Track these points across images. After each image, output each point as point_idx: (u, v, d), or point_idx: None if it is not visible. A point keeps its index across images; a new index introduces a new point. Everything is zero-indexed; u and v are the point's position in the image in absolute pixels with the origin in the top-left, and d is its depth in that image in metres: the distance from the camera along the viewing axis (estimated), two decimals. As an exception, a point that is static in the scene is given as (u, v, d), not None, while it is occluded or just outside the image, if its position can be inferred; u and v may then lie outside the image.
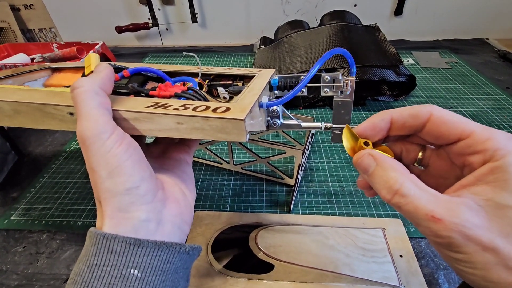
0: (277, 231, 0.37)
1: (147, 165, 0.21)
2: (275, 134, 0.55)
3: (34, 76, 0.37)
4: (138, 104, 0.22)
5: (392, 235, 0.36)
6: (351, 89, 0.24)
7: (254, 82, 0.27)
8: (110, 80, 0.22)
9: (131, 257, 0.18)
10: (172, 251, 0.19)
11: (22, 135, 0.57)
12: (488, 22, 0.91)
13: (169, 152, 0.27)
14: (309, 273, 0.32)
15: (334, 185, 0.44)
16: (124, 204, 0.19)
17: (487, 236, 0.14)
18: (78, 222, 0.40)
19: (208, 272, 0.33)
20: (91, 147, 0.19)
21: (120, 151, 0.19)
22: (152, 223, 0.20)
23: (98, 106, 0.20)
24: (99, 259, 0.18)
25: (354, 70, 0.23)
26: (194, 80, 0.29)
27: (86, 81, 0.21)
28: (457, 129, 0.17)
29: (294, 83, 0.27)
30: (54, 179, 0.47)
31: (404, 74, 0.61)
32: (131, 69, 0.28)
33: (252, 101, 0.22)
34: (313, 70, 0.23)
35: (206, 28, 0.98)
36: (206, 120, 0.21)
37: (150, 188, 0.20)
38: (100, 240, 0.18)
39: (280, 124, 0.25)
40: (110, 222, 0.19)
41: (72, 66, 0.38)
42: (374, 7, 0.90)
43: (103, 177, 0.19)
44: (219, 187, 0.45)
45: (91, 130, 0.19)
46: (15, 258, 0.36)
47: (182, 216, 0.22)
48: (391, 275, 0.32)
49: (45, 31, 0.98)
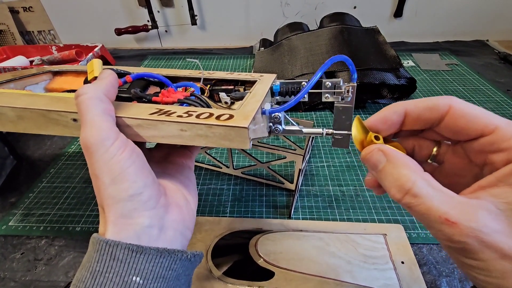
0: (277, 238, 0.36)
1: (149, 171, 0.21)
2: (275, 138, 0.54)
3: (35, 80, 0.37)
4: (142, 111, 0.23)
5: (394, 241, 0.36)
6: (352, 95, 0.25)
7: (256, 88, 0.28)
8: (114, 86, 0.23)
9: (133, 264, 0.18)
10: (174, 258, 0.20)
11: (21, 139, 0.57)
12: (488, 24, 0.91)
13: (171, 157, 0.27)
14: (309, 281, 0.32)
15: (335, 189, 0.44)
16: (127, 210, 0.19)
17: (506, 242, 0.13)
18: (77, 228, 0.40)
19: (207, 279, 0.33)
20: (95, 153, 0.19)
21: (123, 158, 0.19)
22: (154, 229, 0.20)
23: (102, 113, 0.20)
24: (101, 265, 0.18)
25: (355, 77, 0.23)
26: (196, 86, 0.29)
27: (91, 88, 0.21)
28: (479, 124, 0.16)
29: (295, 89, 0.28)
30: (52, 184, 0.47)
31: (404, 77, 0.61)
32: (133, 74, 0.28)
33: (255, 108, 0.23)
34: (315, 78, 0.23)
35: (206, 30, 0.97)
36: (210, 127, 0.21)
37: (153, 194, 0.20)
38: (103, 246, 0.18)
39: (282, 130, 0.25)
40: (113, 228, 0.19)
41: (73, 69, 0.38)
42: (373, 9, 0.90)
43: (106, 183, 0.19)
44: (219, 191, 0.45)
45: (94, 137, 0.19)
46: (13, 265, 0.36)
47: (184, 222, 0.22)
48: (393, 282, 0.32)
49: (44, 33, 0.98)
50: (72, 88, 0.36)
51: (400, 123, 0.19)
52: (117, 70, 0.29)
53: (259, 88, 0.27)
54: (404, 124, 0.19)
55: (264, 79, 0.30)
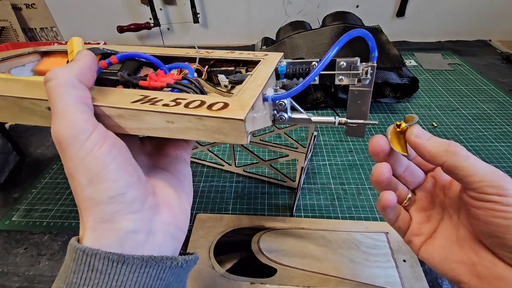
0: (279, 235, 0.37)
1: (135, 168, 0.18)
2: (276, 136, 0.54)
3: (22, 61, 0.33)
4: (124, 98, 0.19)
5: (395, 239, 0.36)
6: (371, 77, 0.21)
7: (258, 69, 0.24)
8: (91, 69, 0.19)
9: (114, 275, 0.16)
10: (162, 267, 0.17)
11: (23, 135, 0.57)
12: (491, 24, 0.91)
13: (165, 148, 0.24)
14: (312, 278, 0.32)
15: (337, 187, 0.44)
16: (108, 213, 0.17)
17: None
18: (80, 224, 0.40)
19: (210, 275, 0.33)
20: (68, 150, 0.16)
21: (102, 154, 0.17)
22: (140, 234, 0.18)
23: (75, 102, 0.17)
24: (78, 277, 0.16)
25: (375, 55, 0.20)
26: (191, 68, 0.25)
27: (62, 71, 0.18)
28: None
29: (304, 70, 0.24)
30: (55, 180, 0.47)
31: (407, 76, 0.61)
32: (119, 55, 0.25)
33: (255, 95, 0.20)
34: (331, 53, 0.20)
35: (208, 28, 0.97)
36: (200, 119, 0.18)
37: (138, 194, 0.18)
38: (79, 255, 0.16)
39: (287, 118, 0.23)
40: (92, 234, 0.17)
41: (62, 49, 0.35)
42: (376, 8, 0.90)
43: (83, 184, 0.16)
44: (221, 189, 0.45)
45: (66, 130, 0.16)
46: (16, 260, 0.36)
47: (176, 223, 0.20)
48: (395, 280, 0.32)
49: (47, 30, 0.98)
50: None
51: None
52: (102, 50, 0.26)
53: (261, 70, 0.24)
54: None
55: (269, 58, 0.26)
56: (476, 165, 0.18)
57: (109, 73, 0.24)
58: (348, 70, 0.22)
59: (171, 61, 0.28)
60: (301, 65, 0.24)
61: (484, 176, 0.18)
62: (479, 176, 0.18)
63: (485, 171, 0.18)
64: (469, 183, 0.19)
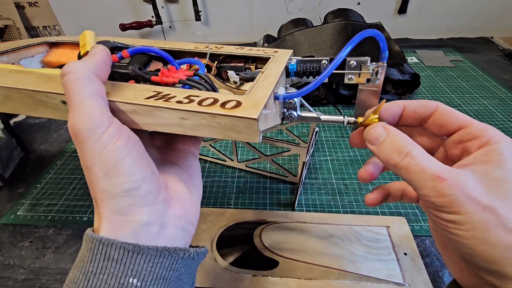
0: (281, 229, 0.37)
1: (148, 161, 0.19)
2: (278, 132, 0.55)
3: (31, 52, 0.34)
4: (137, 94, 0.20)
5: (396, 233, 0.36)
6: (381, 78, 0.21)
7: (269, 67, 0.24)
8: (106, 64, 0.20)
9: (129, 265, 0.16)
10: (175, 257, 0.18)
11: (27, 131, 0.58)
12: (493, 21, 0.90)
13: (175, 143, 0.24)
14: (313, 270, 0.32)
15: (338, 182, 0.45)
16: (123, 206, 0.17)
17: (486, 198, 0.16)
18: (84, 218, 0.41)
19: (213, 268, 0.34)
20: (85, 143, 0.17)
21: (118, 148, 0.17)
22: (154, 226, 0.18)
23: (92, 96, 0.17)
24: (95, 266, 0.16)
25: (385, 55, 0.20)
26: (202, 63, 0.25)
27: (79, 66, 0.18)
28: (459, 119, 0.20)
29: (315, 68, 0.24)
30: (59, 175, 0.48)
31: (408, 72, 0.61)
32: (131, 49, 0.25)
33: (267, 93, 0.20)
34: (343, 53, 0.20)
35: (209, 26, 0.98)
36: (213, 117, 0.18)
37: (152, 188, 0.18)
38: (96, 245, 0.16)
39: (296, 116, 0.23)
40: (107, 225, 0.17)
41: (70, 41, 0.35)
42: (378, 5, 0.90)
43: (99, 176, 0.17)
44: (223, 184, 0.45)
45: (84, 124, 0.17)
46: (22, 253, 0.37)
47: (187, 217, 0.20)
48: (396, 273, 0.32)
49: (49, 28, 0.98)
50: (70, 61, 0.32)
51: (399, 115, 0.21)
52: (113, 43, 0.26)
53: (272, 68, 0.24)
54: (402, 117, 0.21)
55: (279, 56, 0.26)
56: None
57: (119, 66, 0.24)
58: (358, 70, 0.22)
59: (180, 56, 0.28)
60: (311, 63, 0.24)
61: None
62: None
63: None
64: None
